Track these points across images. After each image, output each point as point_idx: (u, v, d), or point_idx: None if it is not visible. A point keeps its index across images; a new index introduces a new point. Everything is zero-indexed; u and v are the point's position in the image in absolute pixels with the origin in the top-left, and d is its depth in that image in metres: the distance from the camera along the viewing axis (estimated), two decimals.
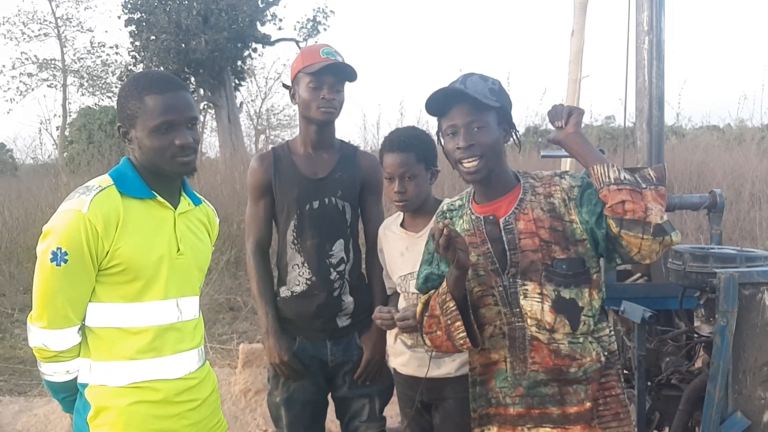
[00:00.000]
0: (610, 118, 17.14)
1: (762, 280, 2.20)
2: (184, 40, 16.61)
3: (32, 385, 4.84)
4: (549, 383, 1.82)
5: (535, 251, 1.81)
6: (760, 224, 7.89)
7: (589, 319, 1.82)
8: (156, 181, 1.81)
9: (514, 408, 1.86)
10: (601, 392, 1.84)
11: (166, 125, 1.73)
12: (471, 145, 1.81)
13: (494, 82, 1.88)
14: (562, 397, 1.82)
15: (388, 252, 2.40)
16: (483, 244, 1.87)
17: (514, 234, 1.83)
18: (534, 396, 1.84)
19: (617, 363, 1.90)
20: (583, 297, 1.81)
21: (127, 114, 1.76)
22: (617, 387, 1.86)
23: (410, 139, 2.28)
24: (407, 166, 2.24)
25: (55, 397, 1.90)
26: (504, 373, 1.87)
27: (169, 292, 1.80)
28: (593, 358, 1.82)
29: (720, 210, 3.17)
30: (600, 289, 1.85)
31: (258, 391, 4.24)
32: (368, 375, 2.44)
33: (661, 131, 3.40)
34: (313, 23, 19.20)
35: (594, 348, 1.83)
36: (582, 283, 1.81)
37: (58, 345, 1.75)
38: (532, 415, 1.84)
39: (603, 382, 1.84)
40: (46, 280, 1.69)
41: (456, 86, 1.83)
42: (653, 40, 3.28)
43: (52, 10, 24.41)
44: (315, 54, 2.35)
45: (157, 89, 1.74)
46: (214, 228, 2.04)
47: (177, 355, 1.83)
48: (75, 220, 1.67)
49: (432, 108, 1.87)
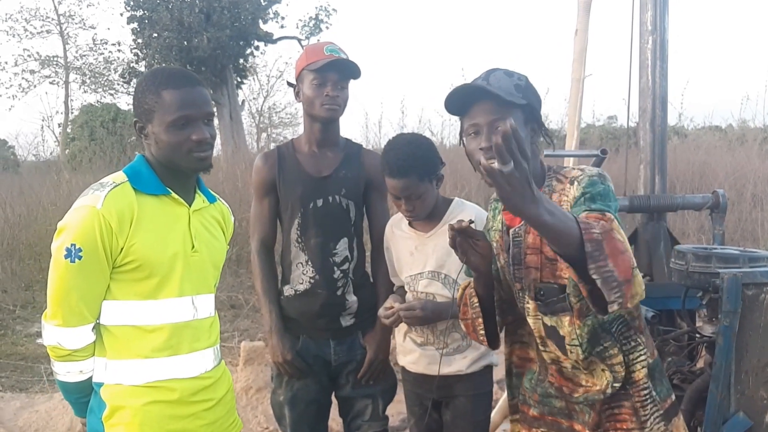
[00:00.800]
0: (612, 117, 17.13)
1: (765, 281, 2.20)
2: (186, 37, 16.62)
3: (34, 382, 4.84)
4: (558, 397, 1.80)
5: (537, 269, 1.69)
6: (762, 225, 7.88)
7: (576, 348, 1.68)
8: (171, 177, 1.80)
9: (533, 410, 1.86)
10: (611, 423, 1.72)
11: (183, 120, 1.72)
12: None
13: (520, 77, 1.73)
14: (570, 412, 1.79)
15: (396, 251, 2.40)
16: (504, 251, 1.79)
17: (521, 248, 1.72)
18: (546, 405, 1.82)
19: (644, 393, 1.71)
20: (563, 326, 1.68)
21: (144, 109, 1.75)
22: (630, 421, 1.70)
23: (408, 161, 2.17)
24: (410, 189, 2.20)
25: (68, 398, 1.88)
26: (532, 374, 1.85)
27: (184, 290, 1.79)
28: (601, 387, 1.69)
29: (723, 210, 3.18)
30: (585, 315, 1.65)
31: (259, 388, 4.25)
32: (371, 374, 2.43)
33: (664, 131, 3.40)
34: (316, 21, 19.22)
35: (605, 377, 1.69)
36: (559, 311, 1.67)
37: (72, 343, 1.73)
38: (546, 421, 1.83)
39: (613, 413, 1.72)
40: (60, 277, 1.68)
41: (478, 83, 1.70)
42: (657, 40, 3.28)
43: (55, 7, 24.48)
44: (319, 51, 2.34)
45: (175, 84, 1.74)
46: (228, 226, 2.03)
47: (193, 353, 1.82)
48: (89, 216, 1.66)
49: (452, 106, 1.72)
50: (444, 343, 2.27)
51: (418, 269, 2.31)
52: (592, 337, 1.68)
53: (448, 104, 1.72)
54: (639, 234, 3.43)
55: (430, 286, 2.30)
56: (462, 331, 2.25)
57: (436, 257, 2.28)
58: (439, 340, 2.28)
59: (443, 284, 2.27)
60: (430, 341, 2.31)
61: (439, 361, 2.22)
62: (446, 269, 2.26)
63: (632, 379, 1.71)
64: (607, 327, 1.70)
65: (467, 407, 2.29)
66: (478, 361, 2.30)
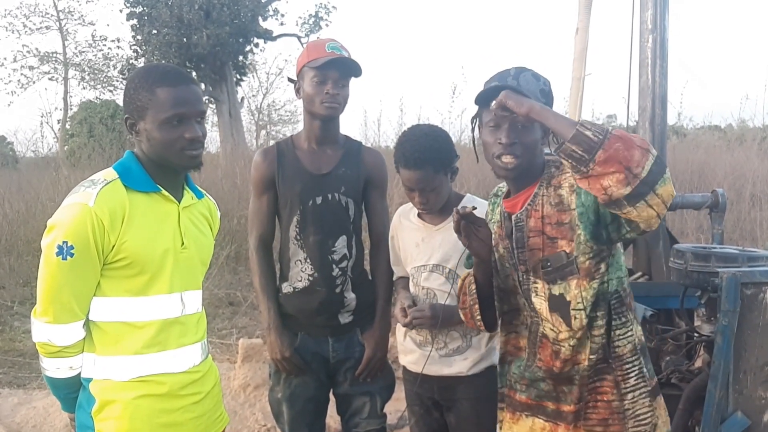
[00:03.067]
0: (612, 116, 17.16)
1: (764, 280, 2.20)
2: (185, 34, 16.59)
3: (31, 378, 4.83)
4: (545, 380, 1.86)
5: (540, 249, 1.79)
6: (760, 225, 7.88)
7: (580, 312, 1.76)
8: (161, 174, 1.81)
9: (519, 394, 1.93)
10: (592, 395, 1.82)
11: (177, 118, 1.73)
12: (514, 143, 1.77)
13: (545, 82, 1.85)
14: (557, 394, 1.85)
15: (403, 241, 2.39)
16: (504, 238, 1.89)
17: (524, 232, 1.82)
18: (534, 389, 1.89)
19: (627, 367, 1.80)
20: (570, 290, 1.77)
21: (136, 105, 1.75)
22: (611, 393, 1.80)
23: (425, 152, 2.17)
24: (426, 181, 2.19)
25: (56, 394, 1.88)
26: (522, 361, 1.92)
27: (173, 286, 1.80)
28: (586, 357, 1.79)
29: (722, 210, 3.18)
30: (593, 277, 1.75)
31: (257, 386, 4.24)
32: (369, 372, 2.43)
33: (664, 130, 3.40)
34: (315, 19, 19.21)
35: (590, 347, 1.79)
36: (567, 275, 1.76)
37: (63, 340, 1.74)
38: (531, 405, 1.90)
39: (595, 386, 1.81)
40: (51, 274, 1.68)
41: (509, 82, 1.79)
42: (657, 39, 3.27)
43: (54, 3, 24.48)
44: (320, 48, 2.34)
45: (169, 82, 1.74)
46: (215, 221, 2.05)
47: (181, 348, 1.83)
48: (81, 213, 1.66)
49: (482, 100, 1.83)
50: (442, 342, 2.27)
51: (423, 261, 2.30)
52: (595, 301, 1.77)
53: (479, 98, 1.84)
54: None
55: (432, 279, 2.29)
56: (461, 330, 2.26)
57: (443, 251, 2.27)
58: (437, 339, 2.28)
59: (446, 278, 2.26)
60: (429, 341, 2.30)
61: (426, 359, 2.23)
62: (451, 263, 2.25)
63: (616, 353, 1.80)
64: (608, 298, 1.79)
65: (472, 412, 2.27)
66: (480, 363, 2.28)
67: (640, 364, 1.82)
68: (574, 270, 1.75)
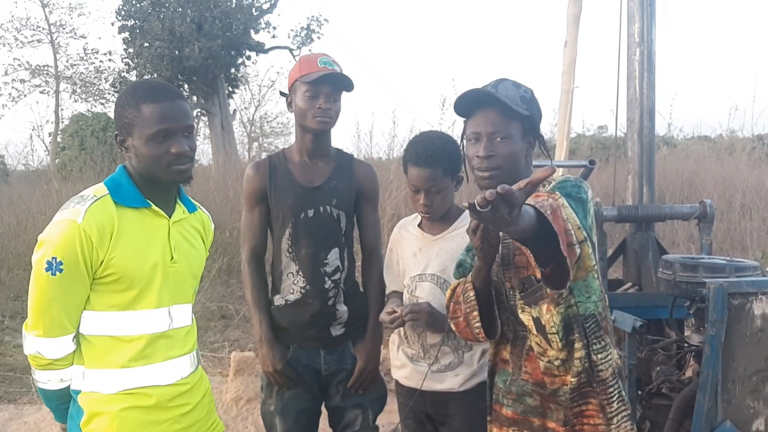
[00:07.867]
0: (602, 128, 17.25)
1: (751, 290, 2.22)
2: (177, 47, 16.61)
3: (22, 393, 4.80)
4: (533, 395, 1.83)
5: (525, 268, 1.75)
6: (750, 234, 7.94)
7: (555, 336, 1.71)
8: (151, 189, 1.82)
9: (506, 409, 1.90)
10: (578, 419, 1.78)
11: (163, 134, 1.74)
12: (490, 156, 1.77)
13: (526, 90, 1.84)
14: (544, 410, 1.83)
15: (402, 252, 2.40)
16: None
17: (510, 249, 1.79)
18: (520, 404, 1.86)
19: (610, 391, 1.76)
20: (543, 314, 1.71)
21: (124, 122, 1.77)
22: (597, 417, 1.76)
23: (437, 152, 2.20)
24: (434, 181, 2.21)
25: (48, 404, 1.90)
26: (507, 375, 1.89)
27: (162, 301, 1.82)
28: (569, 379, 1.75)
29: (710, 220, 3.21)
30: (557, 303, 1.69)
31: (249, 399, 4.23)
32: (361, 384, 2.43)
33: (652, 141, 3.44)
34: (307, 31, 19.27)
35: (573, 369, 1.74)
36: (539, 300, 1.71)
37: (53, 353, 1.76)
38: (517, 419, 1.87)
39: (581, 409, 1.78)
40: (41, 289, 1.70)
41: (487, 89, 1.79)
42: (644, 52, 3.32)
43: (46, 17, 24.44)
44: (313, 63, 2.36)
45: (154, 98, 1.75)
46: (209, 234, 2.06)
47: (168, 361, 1.84)
48: (70, 230, 1.68)
49: (460, 108, 1.83)
50: (434, 357, 2.26)
51: (419, 270, 2.31)
52: (566, 326, 1.73)
53: (457, 106, 1.83)
54: (627, 243, 3.46)
55: (426, 290, 2.28)
56: (453, 346, 2.26)
57: (440, 261, 2.27)
58: (429, 354, 2.28)
59: (442, 289, 2.25)
60: (422, 356, 2.31)
61: (424, 376, 2.20)
62: (447, 275, 2.23)
63: (599, 377, 1.76)
64: (581, 321, 1.74)
65: (463, 427, 2.26)
66: (471, 379, 2.27)
67: (619, 387, 1.79)
68: (544, 295, 1.70)
